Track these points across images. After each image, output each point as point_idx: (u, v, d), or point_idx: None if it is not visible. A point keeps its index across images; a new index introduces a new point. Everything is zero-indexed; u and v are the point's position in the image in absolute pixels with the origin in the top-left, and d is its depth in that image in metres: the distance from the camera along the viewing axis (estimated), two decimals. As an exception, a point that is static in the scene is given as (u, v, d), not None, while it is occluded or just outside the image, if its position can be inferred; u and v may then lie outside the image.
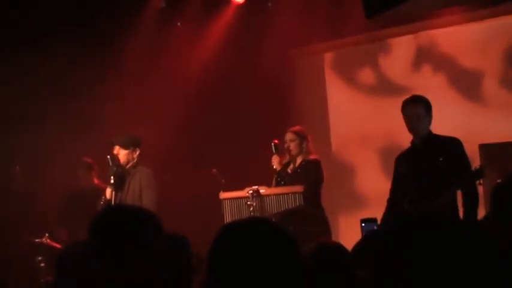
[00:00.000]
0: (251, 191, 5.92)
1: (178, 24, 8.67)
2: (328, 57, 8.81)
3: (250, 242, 2.09)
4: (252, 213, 5.87)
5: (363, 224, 5.29)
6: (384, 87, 8.27)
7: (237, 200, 6.04)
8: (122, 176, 6.19)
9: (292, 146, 6.24)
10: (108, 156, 6.13)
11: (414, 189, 5.26)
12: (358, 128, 8.32)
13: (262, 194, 5.96)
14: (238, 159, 7.41)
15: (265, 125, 7.17)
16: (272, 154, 6.28)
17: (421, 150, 5.31)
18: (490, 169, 7.15)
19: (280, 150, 6.27)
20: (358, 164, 8.39)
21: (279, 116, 8.00)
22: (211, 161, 7.03)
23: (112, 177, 6.10)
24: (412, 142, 5.46)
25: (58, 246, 6.41)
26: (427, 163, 5.23)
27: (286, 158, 6.32)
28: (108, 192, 6.15)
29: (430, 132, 5.36)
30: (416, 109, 5.31)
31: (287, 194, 5.96)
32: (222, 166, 6.78)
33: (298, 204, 5.93)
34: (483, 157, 7.23)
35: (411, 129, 5.36)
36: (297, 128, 6.40)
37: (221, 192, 6.14)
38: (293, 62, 8.88)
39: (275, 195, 5.99)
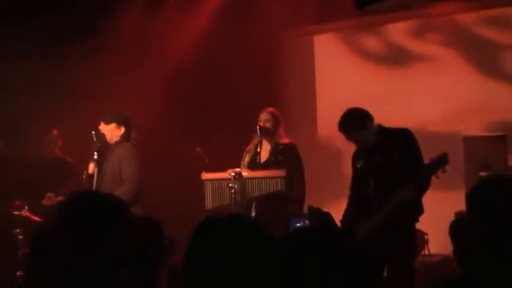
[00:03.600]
0: (233, 173, 5.90)
1: (170, 0, 8.60)
2: (318, 40, 8.78)
3: (229, 243, 2.08)
4: (233, 196, 5.87)
5: (290, 220, 5.37)
6: (372, 72, 8.27)
7: (218, 181, 6.03)
8: (105, 152, 6.16)
9: (268, 125, 6.23)
10: (93, 132, 6.09)
11: (374, 184, 5.28)
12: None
13: (244, 176, 5.94)
14: (224, 140, 7.39)
15: (252, 107, 7.11)
16: (257, 137, 6.27)
17: (375, 145, 5.31)
18: (472, 162, 7.24)
19: (264, 133, 6.25)
20: (345, 148, 8.38)
21: (266, 98, 7.97)
22: (196, 141, 7.01)
23: (95, 152, 6.06)
24: None
25: (37, 219, 6.41)
26: (382, 157, 5.25)
27: (256, 140, 6.29)
28: (91, 167, 6.11)
29: (378, 128, 5.36)
30: (351, 135, 5.31)
31: (269, 177, 5.96)
32: (207, 146, 6.76)
33: (279, 188, 5.93)
34: (467, 149, 7.26)
35: (359, 146, 5.41)
36: (272, 108, 6.38)
37: (203, 172, 6.12)
38: (283, 44, 8.86)
39: (257, 179, 5.98)
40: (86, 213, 2.52)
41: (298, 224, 5.51)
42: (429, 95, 8.06)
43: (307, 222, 5.45)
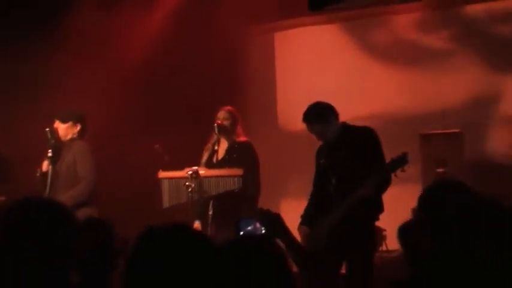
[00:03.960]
0: (190, 172, 5.89)
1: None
2: (278, 36, 8.77)
3: (174, 251, 2.07)
4: (190, 194, 5.85)
5: (241, 223, 5.37)
6: (331, 68, 8.30)
7: (176, 180, 6.00)
8: (60, 150, 6.09)
9: (226, 123, 6.23)
10: (47, 129, 6.01)
11: (336, 179, 5.30)
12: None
13: (201, 175, 5.92)
14: (183, 138, 7.35)
15: (213, 105, 7.08)
16: (215, 135, 6.25)
17: (337, 143, 5.34)
18: (429, 158, 7.31)
19: (222, 132, 6.23)
20: (305, 146, 8.41)
21: (227, 95, 7.93)
22: (155, 139, 6.95)
23: (50, 150, 5.99)
24: None
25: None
26: (345, 154, 5.27)
27: (214, 138, 6.27)
28: (45, 165, 6.05)
29: (342, 125, 5.39)
30: (315, 127, 5.32)
31: (226, 176, 5.96)
32: (166, 144, 6.72)
33: (236, 186, 5.92)
34: (422, 147, 7.33)
35: (321, 140, 5.43)
36: (229, 107, 6.38)
37: (160, 171, 6.09)
38: (243, 41, 8.82)
39: (214, 177, 5.97)
40: (32, 217, 2.54)
41: (249, 227, 5.52)
42: (385, 91, 8.12)
43: (257, 225, 5.45)
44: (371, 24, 8.18)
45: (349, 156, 5.24)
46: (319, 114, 5.31)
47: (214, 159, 6.27)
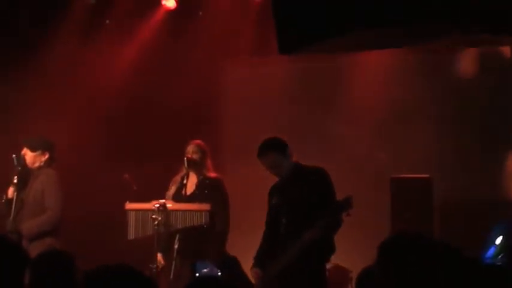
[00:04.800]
0: (157, 205, 5.84)
1: (107, 21, 8.50)
2: (256, 72, 8.81)
3: None
4: (156, 227, 5.80)
5: (196, 265, 5.33)
6: (301, 109, 8.37)
7: (142, 211, 5.94)
8: (26, 177, 6.02)
9: (195, 157, 6.20)
10: (14, 155, 5.96)
11: (287, 220, 5.28)
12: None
13: (168, 208, 5.88)
14: (153, 170, 7.31)
15: (183, 137, 7.05)
16: (184, 169, 6.22)
17: (290, 182, 5.34)
18: (399, 203, 7.34)
19: (192, 166, 6.20)
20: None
21: (198, 128, 7.92)
22: (124, 169, 6.90)
23: (15, 176, 5.93)
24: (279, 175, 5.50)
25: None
26: (296, 194, 5.26)
27: (183, 172, 6.24)
28: (10, 191, 5.99)
29: (296, 164, 5.38)
30: (271, 158, 5.29)
31: (193, 210, 5.91)
32: (135, 175, 6.68)
33: (203, 221, 5.88)
34: (393, 190, 7.36)
35: (275, 175, 5.41)
36: (199, 141, 6.37)
37: (127, 202, 6.03)
38: (221, 73, 8.84)
39: (182, 211, 5.92)
40: None
41: (205, 270, 5.48)
42: (355, 135, 8.20)
43: (213, 267, 5.43)
44: (340, 66, 8.28)
45: (300, 197, 5.23)
46: (277, 144, 5.32)
47: (183, 193, 6.23)
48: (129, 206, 6.01)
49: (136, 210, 5.97)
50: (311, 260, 5.12)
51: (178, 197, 6.19)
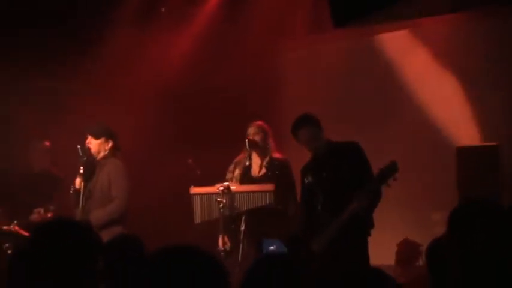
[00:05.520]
0: (221, 188, 5.85)
1: (162, 10, 8.56)
2: (310, 52, 8.74)
3: (180, 274, 2.04)
4: (221, 210, 5.82)
5: (262, 243, 5.31)
6: (363, 82, 8.25)
7: (207, 195, 5.97)
8: (92, 167, 6.11)
9: (257, 138, 6.17)
10: (79, 146, 6.03)
11: (324, 197, 5.25)
12: (335, 126, 8.27)
13: (232, 191, 5.89)
14: (214, 153, 7.33)
15: (243, 119, 7.06)
16: (245, 150, 6.21)
17: (323, 160, 5.32)
18: (467, 172, 7.20)
19: (253, 147, 6.19)
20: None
21: (258, 110, 7.91)
22: (188, 153, 6.96)
23: (81, 167, 6.01)
24: (313, 154, 5.49)
25: (26, 234, 6.36)
26: (332, 171, 5.25)
27: (245, 155, 6.22)
28: (77, 182, 6.06)
29: (328, 141, 5.39)
30: (308, 132, 5.32)
31: (258, 192, 5.89)
32: (198, 159, 6.72)
33: (268, 202, 5.86)
34: (460, 159, 7.22)
35: (309, 150, 5.42)
36: (260, 122, 6.33)
37: (192, 186, 6.07)
38: (277, 54, 8.82)
39: (246, 193, 5.91)
40: (58, 239, 2.59)
41: (272, 247, 5.48)
42: (421, 105, 8.04)
43: (279, 244, 5.41)
44: (405, 37, 8.10)
45: (336, 173, 5.21)
46: (312, 119, 5.36)
47: (253, 175, 6.21)
48: (194, 190, 6.05)
49: (201, 194, 6.00)
50: (354, 234, 5.07)
51: (247, 179, 6.17)
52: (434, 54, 7.94)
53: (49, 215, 6.57)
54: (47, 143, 7.21)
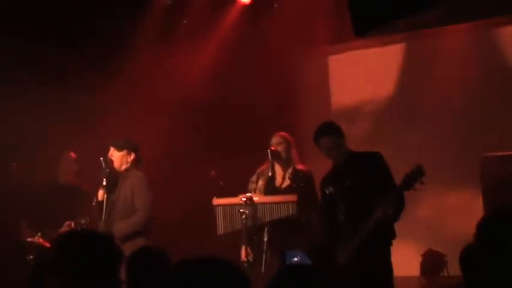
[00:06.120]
0: (244, 199, 5.83)
1: (184, 22, 8.59)
2: (333, 59, 8.73)
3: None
4: (244, 221, 5.80)
5: (286, 253, 5.28)
6: (387, 91, 8.21)
7: (230, 206, 5.95)
8: (115, 179, 6.13)
9: (280, 149, 6.15)
10: (101, 158, 6.07)
11: (345, 209, 5.23)
12: (361, 133, 8.24)
13: (255, 201, 5.87)
14: (237, 164, 7.33)
15: (266, 130, 7.07)
16: (268, 160, 6.19)
17: (345, 170, 5.30)
18: (491, 181, 7.12)
19: (276, 157, 6.17)
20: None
21: (280, 119, 7.92)
22: (210, 164, 6.96)
23: (104, 179, 6.04)
24: (334, 164, 5.46)
25: (49, 246, 6.39)
26: (354, 180, 5.22)
27: (268, 166, 6.18)
28: (100, 193, 6.10)
29: (349, 150, 5.38)
30: (330, 141, 5.30)
31: (281, 203, 5.87)
32: (221, 170, 6.72)
33: (291, 213, 5.84)
34: (484, 169, 7.15)
35: (331, 159, 5.41)
36: (283, 133, 6.32)
37: (214, 198, 6.06)
38: (298, 64, 8.80)
39: (268, 204, 5.90)
40: (81, 251, 2.60)
41: (295, 258, 5.46)
42: (445, 114, 7.99)
43: (302, 255, 5.38)
44: (426, 45, 8.07)
45: (358, 182, 5.18)
46: (335, 128, 5.36)
47: (277, 186, 6.19)
48: (216, 201, 6.04)
49: (224, 205, 5.98)
50: (377, 244, 5.03)
51: (271, 190, 6.14)
52: (456, 62, 7.89)
53: (79, 228, 6.59)
54: (72, 154, 7.25)
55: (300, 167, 6.22)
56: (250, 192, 6.04)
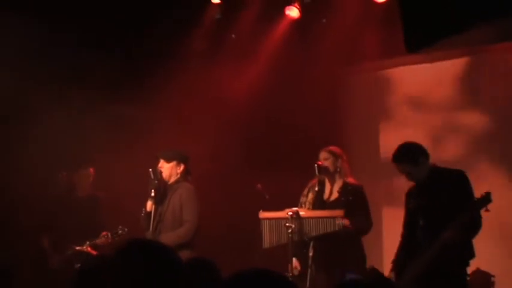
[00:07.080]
0: (291, 213, 5.83)
1: (233, 36, 8.66)
2: (381, 76, 8.69)
3: None
4: (290, 235, 5.79)
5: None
6: (436, 107, 8.15)
7: (276, 220, 5.95)
8: (163, 190, 6.19)
9: (327, 163, 6.15)
10: (150, 169, 6.14)
11: (423, 223, 5.23)
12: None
13: (301, 216, 5.86)
14: (284, 177, 7.34)
15: (313, 144, 7.06)
16: (315, 176, 6.18)
17: (427, 186, 5.30)
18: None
19: (323, 172, 6.17)
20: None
21: (328, 134, 7.90)
22: (256, 179, 6.98)
23: (152, 190, 6.10)
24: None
25: (96, 253, 6.49)
26: (433, 197, 5.22)
27: (317, 178, 6.16)
28: (149, 205, 6.16)
29: (433, 167, 5.36)
30: (403, 168, 5.34)
31: (326, 218, 5.86)
32: (267, 184, 6.74)
33: (337, 228, 5.82)
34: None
35: (410, 181, 5.43)
36: (332, 147, 6.32)
37: (261, 211, 6.08)
38: (345, 79, 8.80)
39: (314, 219, 5.88)
40: (142, 261, 2.60)
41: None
42: (489, 128, 7.90)
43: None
44: (473, 62, 7.99)
45: (436, 200, 5.17)
46: (408, 155, 5.33)
47: (325, 199, 6.19)
48: (262, 215, 6.04)
49: (270, 219, 5.99)
50: (450, 264, 5.00)
51: (319, 204, 6.14)
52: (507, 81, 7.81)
53: (116, 238, 6.68)
54: (91, 170, 7.36)
55: (350, 180, 6.21)
56: (301, 205, 6.06)
